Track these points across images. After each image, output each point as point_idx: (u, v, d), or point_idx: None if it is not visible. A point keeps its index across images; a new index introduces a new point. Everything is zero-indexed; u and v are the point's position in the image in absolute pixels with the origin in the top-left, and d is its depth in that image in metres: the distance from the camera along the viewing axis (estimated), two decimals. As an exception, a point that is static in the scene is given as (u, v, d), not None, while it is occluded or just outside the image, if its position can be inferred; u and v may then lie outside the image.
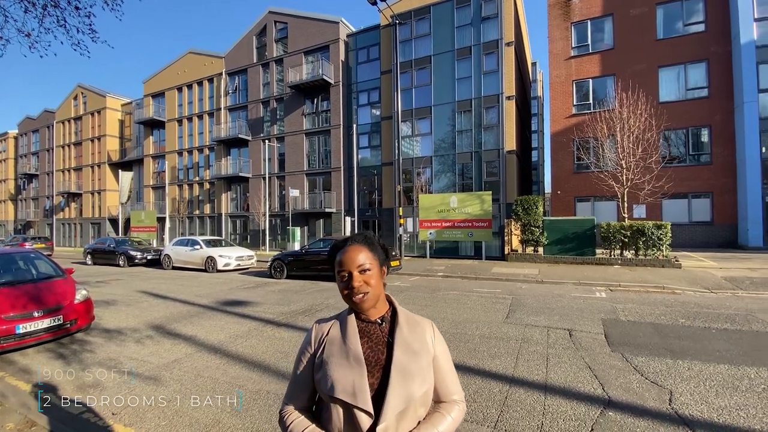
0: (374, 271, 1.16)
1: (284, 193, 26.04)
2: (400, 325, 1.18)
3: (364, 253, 1.16)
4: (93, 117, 37.64)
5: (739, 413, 3.09)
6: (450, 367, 1.24)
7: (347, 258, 1.15)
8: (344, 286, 1.15)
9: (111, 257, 17.79)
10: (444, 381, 1.20)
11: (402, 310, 1.24)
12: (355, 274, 1.14)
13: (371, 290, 1.15)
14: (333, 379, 1.09)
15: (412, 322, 1.21)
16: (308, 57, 25.56)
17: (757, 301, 7.34)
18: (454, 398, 1.21)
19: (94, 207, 37.55)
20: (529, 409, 3.24)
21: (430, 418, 1.15)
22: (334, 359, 1.13)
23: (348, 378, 1.08)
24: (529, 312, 6.76)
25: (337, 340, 1.16)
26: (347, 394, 1.06)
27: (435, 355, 1.20)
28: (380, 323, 1.19)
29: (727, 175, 16.67)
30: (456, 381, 1.24)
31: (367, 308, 1.17)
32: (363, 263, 1.14)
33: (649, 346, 4.75)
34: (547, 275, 10.87)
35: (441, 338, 1.25)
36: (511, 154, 19.20)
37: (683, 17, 17.70)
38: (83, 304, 5.65)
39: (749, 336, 5.13)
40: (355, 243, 1.19)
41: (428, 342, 1.19)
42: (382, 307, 1.21)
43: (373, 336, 1.17)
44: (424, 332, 1.21)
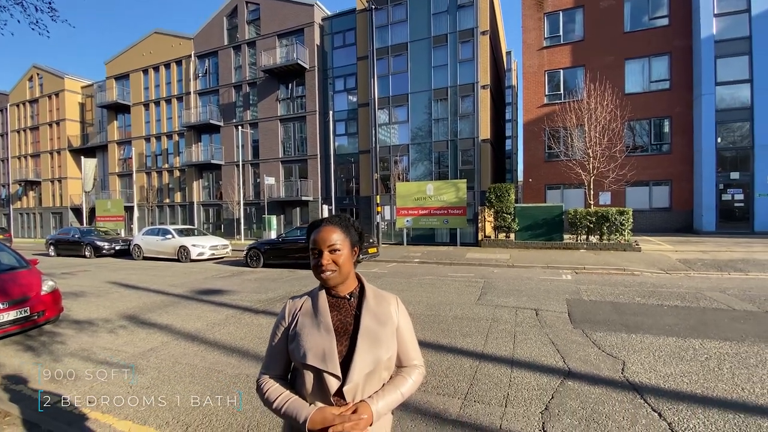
0: (344, 252, 1.25)
1: (259, 181, 25.59)
2: (367, 299, 1.29)
3: (337, 234, 1.25)
4: (50, 100, 35.39)
5: (683, 379, 3.43)
6: (411, 336, 1.36)
7: (320, 237, 1.25)
8: (314, 263, 1.25)
9: (76, 248, 17.07)
10: (406, 348, 1.32)
11: (369, 286, 1.34)
12: (325, 252, 1.23)
13: (338, 269, 1.24)
14: (305, 348, 1.19)
15: (378, 297, 1.32)
16: (282, 40, 24.90)
17: (706, 281, 7.97)
18: (414, 363, 1.34)
19: (55, 196, 35.64)
20: (496, 382, 3.48)
21: (393, 380, 1.27)
22: (306, 330, 1.23)
23: (319, 346, 1.18)
24: (500, 294, 7.08)
25: (309, 313, 1.27)
26: (318, 360, 1.16)
27: (398, 325, 1.31)
28: (349, 298, 1.29)
29: (685, 163, 17.67)
30: (416, 348, 1.37)
31: (333, 285, 1.27)
32: (334, 243, 1.24)
33: (607, 323, 5.13)
34: (517, 260, 11.32)
35: (404, 311, 1.37)
36: (486, 143, 19.57)
37: (649, 11, 18.38)
38: (50, 296, 5.49)
39: (697, 312, 5.61)
40: (330, 224, 1.28)
41: (392, 314, 1.31)
42: (352, 284, 1.31)
43: (342, 309, 1.27)
44: (389, 305, 1.32)
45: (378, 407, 1.16)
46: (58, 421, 3.03)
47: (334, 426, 1.09)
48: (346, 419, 1.10)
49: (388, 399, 1.21)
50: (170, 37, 29.13)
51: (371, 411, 1.14)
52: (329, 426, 1.10)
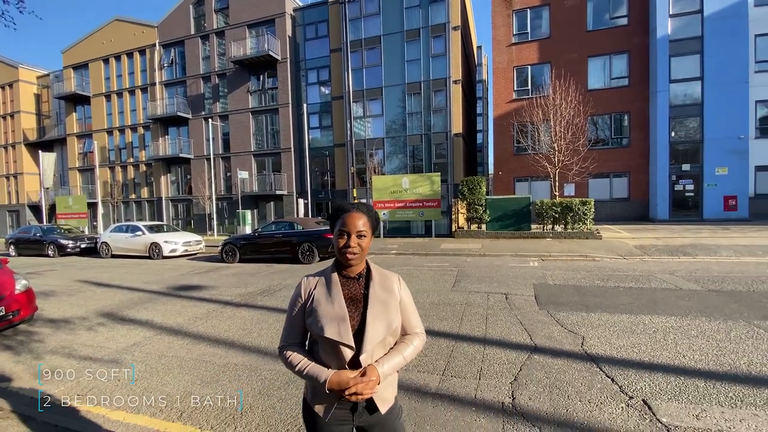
0: (368, 237, 1.44)
1: (230, 175, 25.10)
2: (373, 278, 1.48)
3: (364, 220, 1.43)
4: (4, 91, 33.06)
5: (633, 350, 3.87)
6: (412, 307, 1.56)
7: (351, 221, 1.41)
8: (342, 245, 1.40)
9: (38, 247, 16.27)
10: (408, 318, 1.53)
11: (375, 267, 1.53)
12: (353, 236, 1.40)
13: (361, 252, 1.42)
14: (322, 323, 1.37)
15: (382, 275, 1.52)
16: (252, 30, 24.35)
17: (659, 264, 8.70)
18: (416, 331, 1.54)
19: (11, 192, 33.50)
20: (471, 358, 3.81)
21: (397, 346, 1.48)
22: (321, 307, 1.41)
23: (334, 321, 1.37)
24: (473, 281, 7.49)
25: (324, 292, 1.44)
26: (334, 333, 1.35)
27: (401, 299, 1.51)
28: (358, 278, 1.48)
29: (642, 156, 18.83)
30: (417, 317, 1.57)
31: (354, 265, 1.45)
32: (362, 229, 1.41)
33: (570, 304, 5.60)
34: (488, 249, 11.84)
35: (405, 286, 1.57)
36: (458, 137, 20.05)
37: (610, 10, 19.28)
38: (24, 294, 5.37)
39: (648, 292, 6.19)
40: (359, 211, 1.44)
41: (395, 290, 1.50)
42: (362, 266, 1.50)
43: (352, 288, 1.46)
44: (392, 282, 1.51)
45: (384, 369, 1.37)
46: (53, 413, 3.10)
47: (349, 387, 1.32)
48: (359, 381, 1.32)
49: (392, 362, 1.40)
50: (132, 24, 27.83)
51: (378, 373, 1.36)
52: (345, 387, 1.32)
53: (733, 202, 17.14)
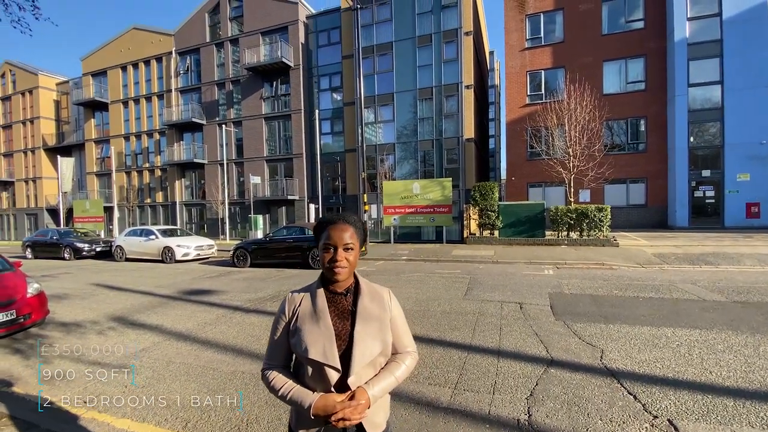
0: (355, 250, 1.33)
1: (243, 180, 25.33)
2: (362, 294, 1.38)
3: (350, 232, 1.33)
4: (24, 97, 34.12)
5: (656, 365, 3.68)
6: (404, 325, 1.46)
7: (337, 235, 1.31)
8: (329, 259, 1.30)
9: (55, 250, 16.60)
10: (400, 337, 1.42)
11: (364, 281, 1.42)
12: (339, 249, 1.29)
13: (349, 266, 1.32)
14: (307, 343, 1.27)
15: (372, 291, 1.41)
16: (266, 38, 24.67)
17: (679, 274, 8.39)
18: (408, 350, 1.44)
19: (30, 196, 34.41)
20: (484, 371, 3.67)
21: (388, 366, 1.37)
22: (306, 326, 1.31)
23: (319, 342, 1.27)
24: (485, 289, 7.32)
25: (309, 309, 1.34)
26: (319, 355, 1.25)
27: (392, 316, 1.40)
28: (345, 294, 1.37)
29: (660, 162, 18.37)
30: (409, 336, 1.47)
31: (341, 280, 1.33)
32: (348, 242, 1.31)
33: (587, 314, 5.40)
34: (501, 256, 11.62)
35: (396, 302, 1.46)
36: (470, 142, 19.89)
37: (625, 14, 18.98)
38: (36, 298, 5.42)
39: (669, 303, 5.94)
40: (346, 222, 1.35)
41: (386, 306, 1.40)
42: (350, 280, 1.38)
43: (339, 305, 1.35)
44: (382, 298, 1.41)
45: (374, 392, 1.27)
46: (57, 420, 3.06)
47: (336, 412, 1.21)
48: (346, 405, 1.21)
49: (383, 384, 1.30)
50: (150, 33, 28.48)
51: (368, 396, 1.25)
52: (331, 412, 1.21)
53: (755, 209, 16.57)
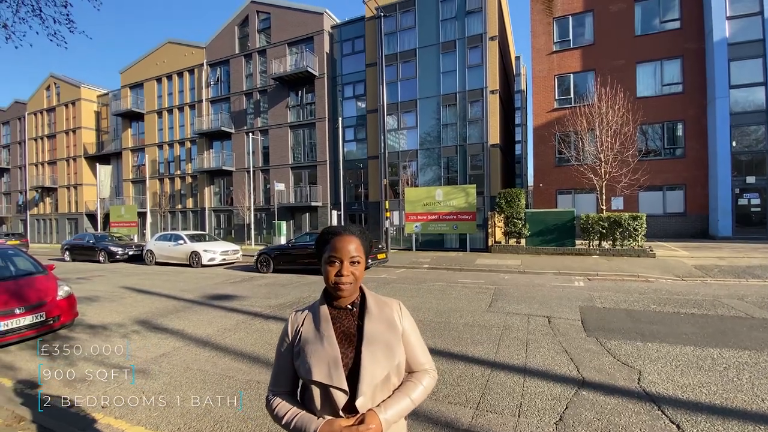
0: (361, 264, 1.23)
1: (269, 187, 25.83)
2: (369, 308, 1.26)
3: (356, 244, 1.23)
4: (67, 108, 36.32)
5: (701, 390, 3.33)
6: (418, 340, 1.32)
7: (343, 247, 1.21)
8: (334, 273, 1.20)
9: (90, 253, 17.38)
10: (414, 353, 1.29)
11: (370, 293, 1.31)
12: (345, 263, 1.19)
13: (355, 282, 1.21)
14: (310, 364, 1.17)
15: (380, 304, 1.29)
16: (292, 48, 25.22)
17: (724, 288, 7.77)
18: (425, 368, 1.30)
19: (71, 202, 36.42)
20: (509, 391, 3.43)
21: (403, 386, 1.24)
22: (309, 346, 1.20)
23: (323, 362, 1.16)
24: (511, 301, 7.00)
25: (312, 329, 1.24)
26: (324, 377, 1.14)
27: (403, 330, 1.28)
28: (351, 308, 1.26)
29: (700, 167, 17.35)
30: (425, 352, 1.33)
31: (347, 296, 1.24)
32: (354, 254, 1.21)
33: (622, 331, 5.02)
34: (528, 266, 11.19)
35: (408, 315, 1.33)
36: (495, 147, 19.49)
37: (660, 14, 18.19)
38: (66, 301, 5.59)
39: (714, 320, 5.46)
40: (351, 234, 1.25)
41: (395, 320, 1.27)
42: (355, 294, 1.28)
43: (345, 321, 1.24)
44: (391, 311, 1.29)
45: (387, 416, 1.14)
46: (73, 426, 3.06)
47: None
48: (354, 431, 1.08)
49: (397, 407, 1.17)
50: (183, 46, 29.73)
51: (379, 420, 1.11)
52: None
53: (808, 218, 15.32)
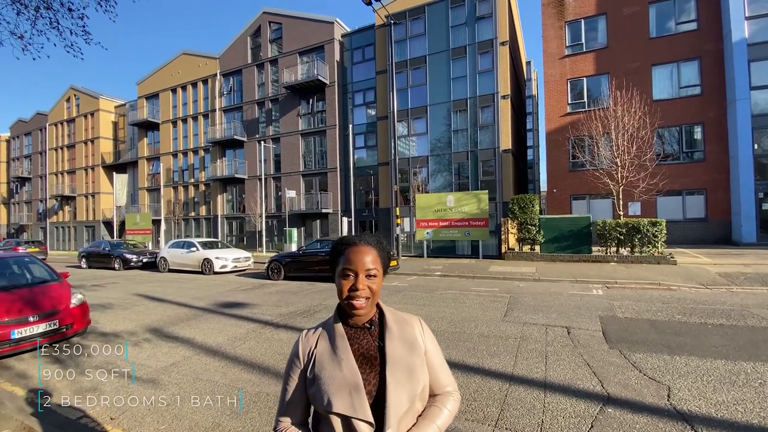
0: (379, 277, 1.13)
1: (280, 194, 25.98)
2: (389, 326, 1.15)
3: (373, 256, 1.13)
4: (86, 119, 37.33)
5: (737, 408, 3.12)
6: (440, 359, 1.22)
7: (358, 258, 1.11)
8: (348, 287, 1.09)
9: (106, 260, 17.65)
10: (437, 374, 1.18)
11: (388, 309, 1.20)
12: (361, 276, 1.09)
13: (372, 297, 1.11)
14: (329, 394, 1.04)
15: (400, 321, 1.19)
16: (303, 57, 25.50)
17: (752, 296, 7.41)
18: (447, 390, 1.19)
19: (89, 210, 37.25)
20: (529, 407, 3.25)
21: (428, 412, 1.12)
22: (326, 372, 1.08)
23: (344, 390, 1.04)
24: (527, 310, 6.78)
25: (327, 351, 1.12)
26: (346, 407, 1.02)
27: (426, 350, 1.17)
28: (369, 327, 1.15)
29: (721, 171, 16.82)
30: (448, 372, 1.22)
31: (363, 314, 1.13)
32: (371, 268, 1.10)
33: (647, 343, 4.78)
34: (544, 273, 10.91)
35: (429, 332, 1.23)
36: (507, 152, 19.26)
37: (675, 16, 17.85)
38: (79, 308, 5.60)
39: (745, 331, 5.18)
40: (368, 245, 1.15)
41: (418, 338, 1.17)
42: (371, 311, 1.17)
43: (363, 342, 1.13)
44: (413, 329, 1.18)
45: None
46: (79, 439, 3.00)
47: None
48: None
49: None
50: (197, 57, 30.35)
51: None
52: None
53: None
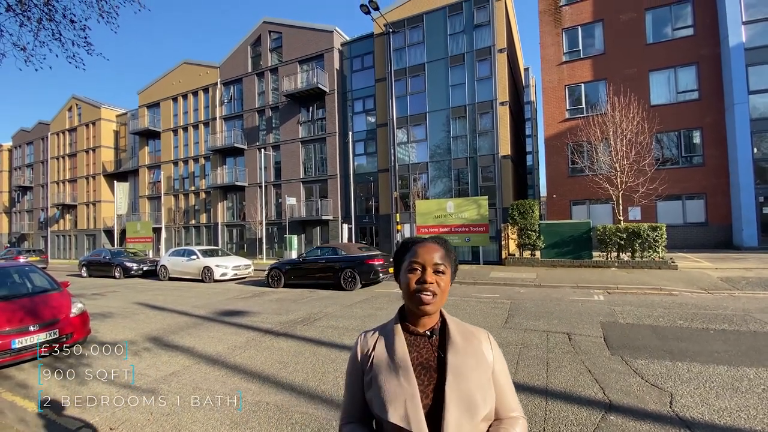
0: (447, 276, 1.10)
1: (281, 202, 26.02)
2: (452, 337, 1.09)
3: (442, 253, 1.10)
4: (88, 128, 37.55)
5: (740, 414, 3.10)
6: (508, 380, 1.13)
7: (424, 252, 1.09)
8: (416, 281, 1.07)
9: (106, 269, 17.64)
10: (504, 396, 1.09)
11: (453, 319, 1.15)
12: (429, 269, 1.07)
13: (440, 294, 1.07)
14: (384, 401, 1.01)
15: (465, 333, 1.12)
16: (303, 66, 25.71)
17: (754, 301, 7.39)
18: (513, 415, 1.09)
19: (89, 218, 37.31)
20: (530, 415, 3.23)
21: None
22: (382, 377, 1.05)
23: (399, 400, 1.00)
24: (528, 316, 6.76)
25: (385, 356, 1.08)
26: (400, 418, 0.97)
27: (494, 368, 1.09)
28: (430, 336, 1.10)
29: (720, 176, 16.85)
30: (515, 396, 1.13)
31: (430, 312, 1.08)
32: (440, 263, 1.08)
33: (649, 349, 4.76)
34: (544, 279, 10.89)
35: (499, 349, 1.15)
36: (506, 158, 19.32)
37: (672, 22, 18.01)
38: (79, 318, 5.59)
39: (747, 336, 5.16)
40: (437, 243, 1.14)
41: (486, 354, 1.09)
42: (435, 316, 1.13)
43: (423, 350, 1.08)
44: (480, 344, 1.11)
45: None
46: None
47: None
48: None
49: None
50: (198, 66, 30.61)
51: None
52: None
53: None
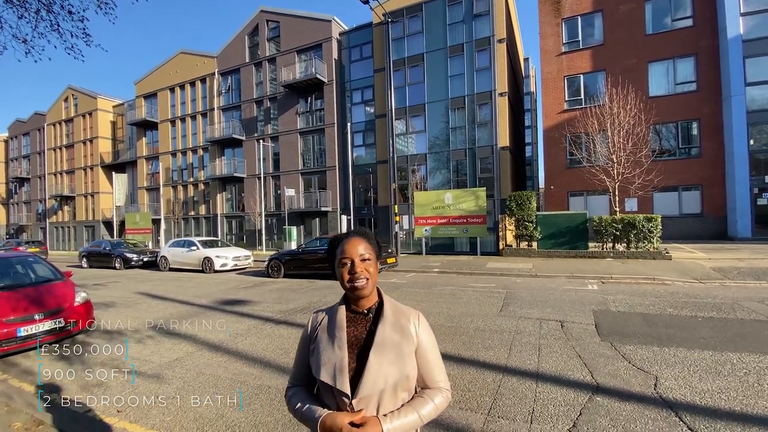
0: (373, 261, 1.29)
1: (280, 193, 26.06)
2: (384, 314, 1.29)
3: (364, 245, 1.29)
4: (84, 119, 37.31)
5: (720, 396, 3.24)
6: (436, 355, 1.31)
7: (350, 247, 1.28)
8: (347, 272, 1.25)
9: (107, 260, 17.75)
10: (429, 368, 1.28)
11: (389, 299, 1.34)
12: (356, 261, 1.26)
13: (371, 278, 1.27)
14: (319, 364, 1.24)
15: (397, 311, 1.31)
16: (301, 56, 25.52)
17: (743, 290, 7.56)
18: (440, 386, 1.29)
19: (88, 210, 37.29)
20: (521, 397, 3.39)
21: (413, 401, 1.24)
22: (322, 345, 1.27)
23: (330, 363, 1.22)
24: (523, 305, 6.92)
25: (326, 330, 1.30)
26: (329, 377, 1.19)
27: (419, 342, 1.27)
28: (367, 314, 1.31)
29: (716, 167, 16.96)
30: (442, 370, 1.32)
31: (366, 295, 1.28)
32: (363, 253, 1.27)
33: (638, 335, 4.92)
34: (540, 269, 11.05)
35: (427, 328, 1.32)
36: (505, 150, 19.37)
37: (671, 12, 17.93)
38: (83, 306, 5.71)
39: (734, 323, 5.32)
40: (356, 236, 1.32)
41: (411, 329, 1.28)
42: (373, 298, 1.32)
43: (359, 325, 1.29)
44: (408, 321, 1.29)
45: (390, 427, 1.13)
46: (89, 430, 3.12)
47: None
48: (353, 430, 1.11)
49: (403, 420, 1.16)
50: (195, 56, 30.34)
51: (381, 429, 1.12)
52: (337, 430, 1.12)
53: (833, 218, 14.82)
